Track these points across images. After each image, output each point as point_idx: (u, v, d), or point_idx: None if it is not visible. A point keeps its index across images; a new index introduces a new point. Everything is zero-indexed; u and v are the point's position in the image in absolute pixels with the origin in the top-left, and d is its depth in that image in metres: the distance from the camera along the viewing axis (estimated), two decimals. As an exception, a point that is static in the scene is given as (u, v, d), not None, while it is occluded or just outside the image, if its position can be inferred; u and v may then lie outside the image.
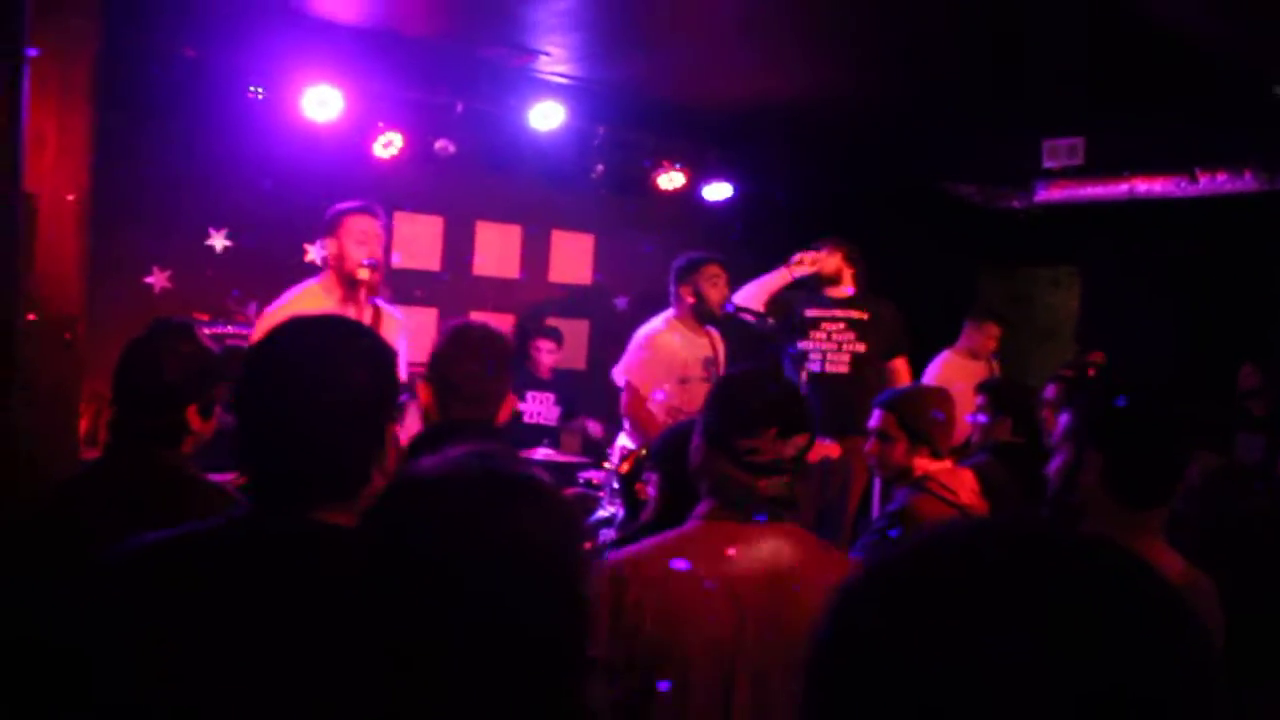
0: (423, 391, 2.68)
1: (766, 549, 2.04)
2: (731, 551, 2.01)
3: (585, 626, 1.17)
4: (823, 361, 5.50)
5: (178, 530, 1.49)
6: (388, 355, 1.59)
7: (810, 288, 5.70)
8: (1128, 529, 2.11)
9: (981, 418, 4.39)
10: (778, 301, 5.52)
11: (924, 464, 3.34)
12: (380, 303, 4.18)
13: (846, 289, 5.68)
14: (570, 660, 1.14)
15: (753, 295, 5.44)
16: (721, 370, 5.20)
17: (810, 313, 5.62)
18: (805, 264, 5.55)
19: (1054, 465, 2.29)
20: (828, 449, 5.19)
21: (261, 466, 1.52)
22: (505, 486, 1.18)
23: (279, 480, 1.50)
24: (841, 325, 5.59)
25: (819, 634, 0.74)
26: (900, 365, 5.64)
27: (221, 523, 1.50)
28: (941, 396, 3.53)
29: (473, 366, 2.61)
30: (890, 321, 5.66)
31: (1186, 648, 0.67)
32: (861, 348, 5.54)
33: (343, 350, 1.54)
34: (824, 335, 5.59)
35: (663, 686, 1.91)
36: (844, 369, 5.51)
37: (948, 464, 3.38)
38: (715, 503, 2.09)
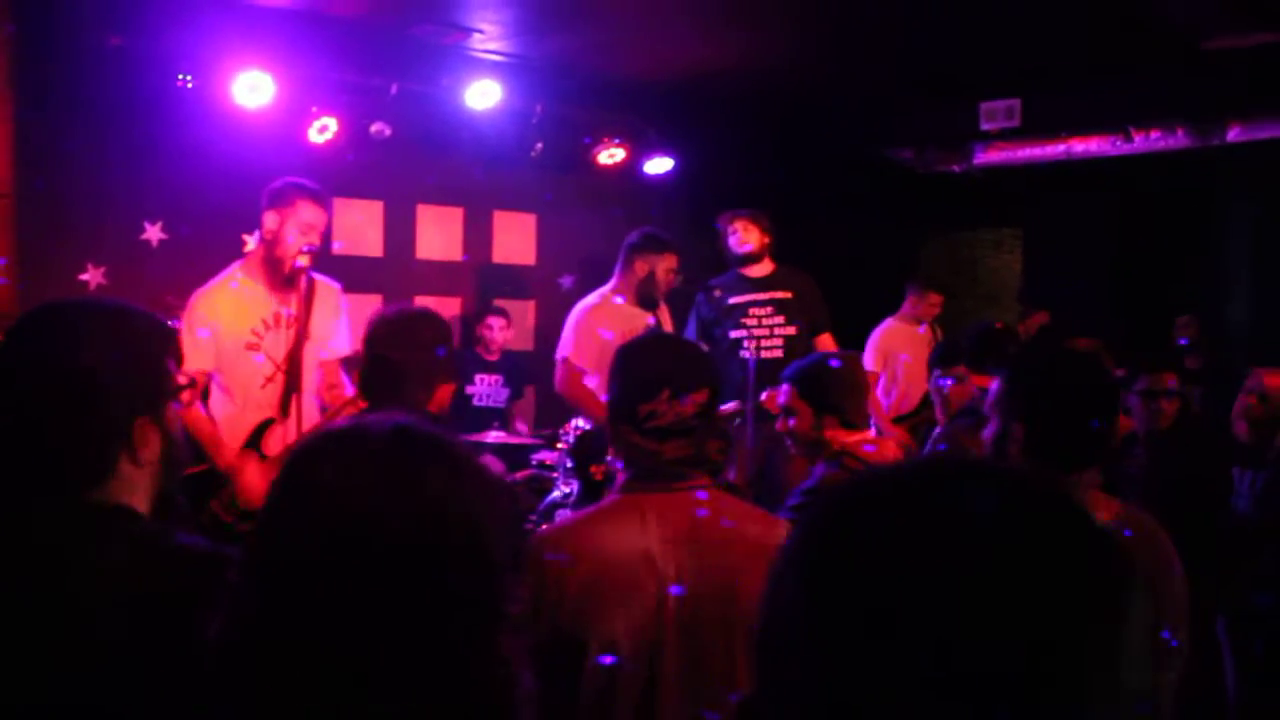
0: (351, 376, 2.63)
1: (684, 514, 2.04)
2: (648, 520, 2.02)
3: (498, 582, 1.17)
4: (757, 349, 5.40)
5: None
6: (142, 345, 1.56)
7: (730, 267, 5.66)
8: None
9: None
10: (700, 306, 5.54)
11: (837, 435, 3.11)
12: (314, 274, 3.99)
13: (765, 266, 5.67)
14: (482, 613, 1.15)
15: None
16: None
17: (735, 299, 5.59)
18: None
19: (986, 433, 2.30)
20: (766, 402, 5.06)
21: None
22: (412, 442, 1.20)
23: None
24: (769, 309, 5.57)
25: (778, 567, 0.77)
26: (826, 341, 5.58)
27: None
28: (850, 364, 3.34)
29: (411, 347, 2.56)
30: (811, 296, 5.65)
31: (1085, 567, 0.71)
32: (792, 330, 5.54)
33: (81, 340, 1.53)
34: (754, 321, 5.55)
35: (605, 661, 1.91)
36: (778, 354, 5.44)
37: (866, 433, 3.20)
38: (630, 473, 2.11)
